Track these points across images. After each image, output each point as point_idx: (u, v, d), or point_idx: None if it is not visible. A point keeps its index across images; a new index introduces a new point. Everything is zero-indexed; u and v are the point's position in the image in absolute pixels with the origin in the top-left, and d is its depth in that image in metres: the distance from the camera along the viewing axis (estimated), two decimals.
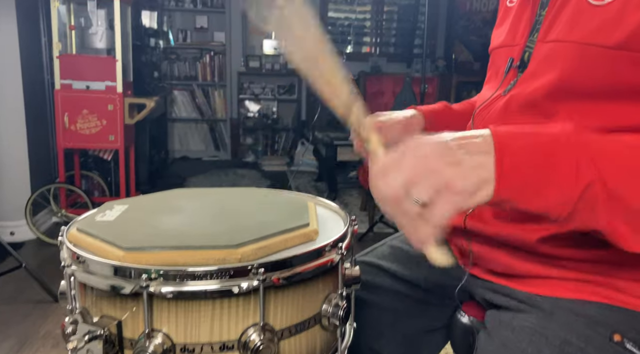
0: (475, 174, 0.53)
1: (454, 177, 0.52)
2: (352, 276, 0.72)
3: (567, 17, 0.71)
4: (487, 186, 0.53)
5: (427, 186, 0.52)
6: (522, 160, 0.54)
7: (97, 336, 0.59)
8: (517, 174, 0.54)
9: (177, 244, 0.63)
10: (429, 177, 0.53)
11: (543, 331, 0.70)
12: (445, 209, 0.52)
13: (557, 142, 0.55)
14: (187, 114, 5.78)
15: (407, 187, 0.53)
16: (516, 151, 0.54)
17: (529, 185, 0.54)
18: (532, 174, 0.54)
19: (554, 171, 0.54)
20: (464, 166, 0.53)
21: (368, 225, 3.39)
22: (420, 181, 0.53)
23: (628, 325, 0.69)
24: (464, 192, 0.52)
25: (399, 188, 0.53)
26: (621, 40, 0.64)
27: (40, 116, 3.33)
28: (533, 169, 0.54)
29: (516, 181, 0.54)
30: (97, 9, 3.08)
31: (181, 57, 5.71)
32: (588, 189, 0.53)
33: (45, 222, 3.31)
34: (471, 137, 0.55)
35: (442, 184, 0.52)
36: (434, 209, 0.52)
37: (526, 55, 0.79)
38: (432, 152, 0.54)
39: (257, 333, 0.60)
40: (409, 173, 0.53)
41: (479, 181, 0.53)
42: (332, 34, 5.83)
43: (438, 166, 0.53)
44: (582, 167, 0.53)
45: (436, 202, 0.52)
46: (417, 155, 0.54)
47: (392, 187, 0.54)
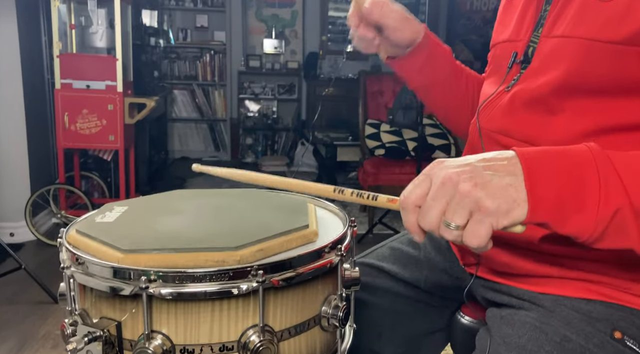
0: (506, 194, 0.53)
1: (483, 197, 0.53)
2: (352, 277, 0.72)
3: (573, 13, 0.71)
4: (520, 207, 0.54)
5: (460, 211, 0.53)
6: (551, 181, 0.55)
7: (96, 337, 0.59)
8: (549, 195, 0.54)
9: (176, 246, 0.63)
10: (460, 201, 0.53)
11: (543, 327, 0.70)
12: (481, 229, 0.53)
13: (584, 163, 0.55)
14: (187, 114, 5.78)
15: (444, 218, 0.54)
16: (545, 172, 0.55)
17: (561, 206, 0.55)
18: (563, 195, 0.54)
19: (585, 193, 0.54)
20: (493, 186, 0.53)
21: (368, 226, 3.39)
22: (453, 207, 0.54)
23: (629, 322, 0.69)
24: (495, 213, 0.53)
25: (437, 220, 0.55)
26: (628, 36, 0.64)
27: (40, 116, 3.33)
28: (564, 189, 0.55)
29: (548, 201, 0.54)
30: (97, 8, 3.08)
31: (181, 57, 5.71)
32: (618, 213, 0.54)
33: (45, 223, 3.31)
34: (497, 159, 0.56)
35: (474, 207, 0.53)
36: (471, 231, 0.53)
37: (530, 50, 0.78)
38: (459, 175, 0.54)
39: (256, 334, 0.60)
40: (441, 201, 0.54)
41: (510, 201, 0.53)
42: (332, 33, 5.83)
43: (468, 189, 0.53)
44: (611, 191, 0.54)
45: (471, 224, 0.53)
46: (444, 180, 0.54)
47: (429, 222, 0.55)
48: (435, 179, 0.55)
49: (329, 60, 5.80)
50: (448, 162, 0.56)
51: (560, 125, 0.72)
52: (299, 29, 5.75)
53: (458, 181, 0.54)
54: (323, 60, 5.78)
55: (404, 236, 1.01)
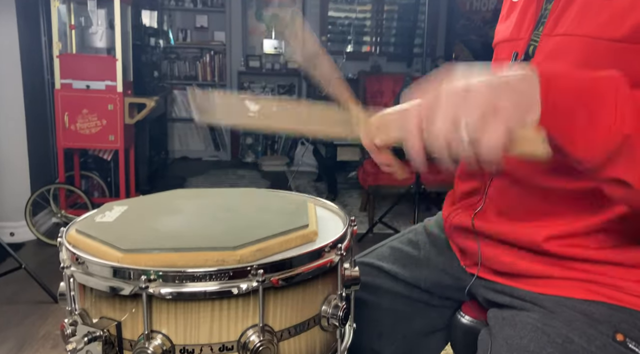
0: (520, 95, 0.52)
1: (498, 97, 0.51)
2: (352, 277, 0.72)
3: (576, 11, 0.71)
4: (533, 110, 0.52)
5: (474, 114, 0.50)
6: (567, 92, 0.53)
7: (96, 337, 0.59)
8: (562, 104, 0.53)
9: (176, 246, 0.63)
10: (474, 103, 0.50)
11: (545, 329, 0.70)
12: (498, 133, 0.50)
13: (604, 85, 0.54)
14: (187, 113, 5.78)
15: (455, 125, 0.51)
16: (561, 83, 0.54)
17: (573, 119, 0.53)
18: (577, 109, 0.53)
19: (599, 112, 0.53)
20: (508, 88, 0.52)
21: (368, 226, 3.38)
22: (466, 113, 0.51)
23: (631, 324, 0.69)
24: (511, 111, 0.51)
25: (447, 130, 0.51)
26: (630, 33, 0.64)
27: (40, 116, 3.33)
28: (578, 103, 0.53)
29: (561, 110, 0.53)
30: (97, 9, 3.08)
31: (181, 57, 5.71)
32: (628, 139, 0.53)
33: (45, 223, 3.30)
34: (512, 73, 0.54)
35: (489, 107, 0.50)
36: (486, 138, 0.50)
37: (531, 49, 0.79)
38: (470, 84, 0.52)
39: (256, 334, 0.60)
40: (452, 109, 0.51)
41: (525, 103, 0.52)
42: (332, 33, 5.83)
43: (481, 91, 0.51)
44: (626, 117, 0.53)
45: (487, 129, 0.50)
46: (455, 90, 0.52)
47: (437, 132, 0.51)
48: (444, 91, 0.52)
49: None
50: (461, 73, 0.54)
51: None
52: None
53: (469, 88, 0.51)
54: None
55: (404, 236, 1.01)
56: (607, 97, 0.53)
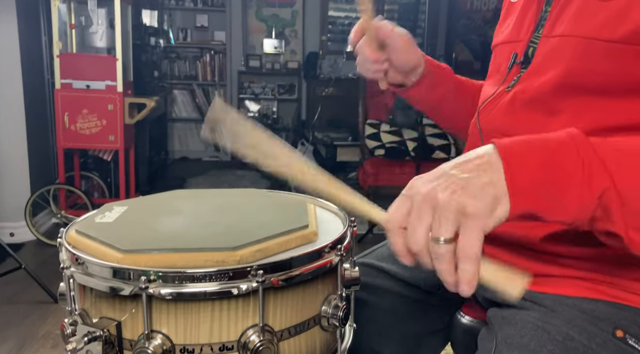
0: (486, 192, 0.52)
1: (464, 202, 0.51)
2: (352, 277, 0.72)
3: (573, 12, 0.71)
4: (502, 203, 0.52)
5: (446, 223, 0.51)
6: (532, 171, 0.53)
7: (96, 337, 0.59)
8: (530, 186, 0.53)
9: (175, 246, 0.63)
10: (443, 213, 0.51)
11: (545, 327, 0.70)
12: (473, 236, 0.51)
13: (565, 150, 0.54)
14: (187, 114, 5.78)
15: (430, 235, 0.52)
16: (525, 163, 0.53)
17: (543, 196, 0.53)
18: (545, 185, 0.53)
19: (567, 180, 0.53)
20: (471, 187, 0.52)
21: (368, 226, 3.39)
22: (437, 222, 0.51)
23: (630, 321, 0.69)
24: (481, 213, 0.51)
25: (424, 240, 0.52)
26: (627, 34, 0.64)
27: (40, 116, 3.33)
28: (545, 178, 0.53)
29: (529, 192, 0.53)
30: (97, 8, 3.08)
31: (181, 57, 5.71)
32: (603, 196, 0.53)
33: (45, 223, 3.31)
34: (472, 159, 0.55)
35: (458, 214, 0.51)
36: (463, 241, 0.51)
37: (530, 50, 0.79)
38: (436, 188, 0.52)
39: (256, 334, 0.60)
40: (424, 219, 0.52)
41: (492, 199, 0.52)
42: (332, 33, 5.83)
43: (447, 198, 0.51)
44: (594, 175, 0.53)
45: (462, 233, 0.51)
46: (423, 196, 0.53)
47: (417, 242, 0.53)
48: (415, 197, 0.53)
49: (329, 60, 5.80)
50: (424, 177, 0.55)
51: (560, 125, 0.71)
52: (299, 29, 5.76)
53: (436, 193, 0.52)
54: (323, 60, 5.78)
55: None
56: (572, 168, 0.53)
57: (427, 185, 0.53)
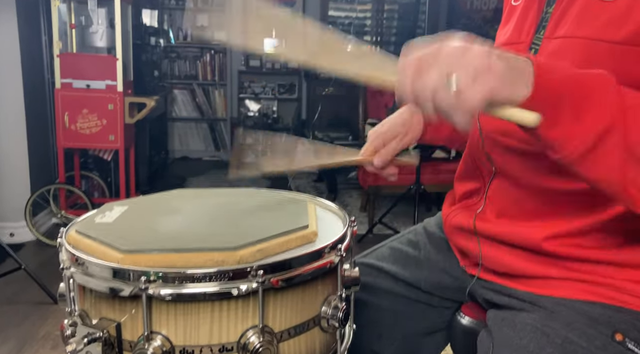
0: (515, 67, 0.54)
1: (495, 61, 0.53)
2: (352, 277, 0.72)
3: (575, 14, 0.71)
4: (524, 84, 0.54)
5: (469, 67, 0.52)
6: (559, 78, 0.56)
7: (96, 338, 0.59)
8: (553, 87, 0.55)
9: (175, 246, 0.63)
10: (471, 61, 0.52)
11: (545, 329, 0.70)
12: (483, 89, 0.52)
13: (595, 78, 0.57)
14: (187, 113, 5.78)
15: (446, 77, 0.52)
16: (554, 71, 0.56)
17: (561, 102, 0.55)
18: (566, 93, 0.55)
19: (587, 100, 0.55)
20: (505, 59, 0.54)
21: (368, 226, 3.38)
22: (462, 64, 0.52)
23: (629, 324, 0.69)
24: (503, 76, 0.53)
25: (435, 80, 0.52)
26: (630, 35, 0.64)
27: (41, 116, 3.33)
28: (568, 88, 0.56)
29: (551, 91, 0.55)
30: (97, 8, 3.08)
31: (181, 56, 5.70)
32: (610, 132, 0.55)
33: (45, 223, 3.30)
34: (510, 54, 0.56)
35: (484, 68, 0.52)
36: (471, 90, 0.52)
37: (532, 52, 0.78)
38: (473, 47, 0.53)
39: (256, 335, 0.60)
40: (450, 61, 0.53)
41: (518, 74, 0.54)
42: None
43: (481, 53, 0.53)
44: (613, 110, 0.55)
45: (473, 85, 0.52)
46: (458, 47, 0.53)
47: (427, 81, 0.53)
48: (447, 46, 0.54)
49: None
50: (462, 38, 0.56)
51: None
52: None
53: (472, 48, 0.53)
54: None
55: (403, 236, 1.01)
56: (595, 93, 0.56)
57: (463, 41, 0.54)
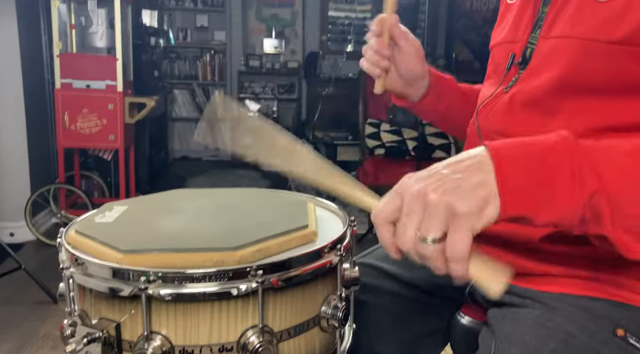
0: (476, 193, 0.52)
1: (455, 202, 0.51)
2: (351, 277, 0.72)
3: (570, 13, 0.71)
4: (493, 203, 0.52)
5: (434, 223, 0.51)
6: (523, 173, 0.53)
7: (95, 338, 0.59)
8: (520, 187, 0.53)
9: (175, 246, 0.63)
10: (432, 213, 0.51)
11: (547, 324, 0.70)
12: (461, 237, 0.51)
13: (556, 152, 0.55)
14: (187, 113, 5.78)
15: (419, 233, 0.52)
16: (516, 165, 0.54)
17: (534, 197, 0.53)
18: (535, 186, 0.53)
19: (557, 182, 0.53)
20: (462, 188, 0.52)
21: (368, 226, 3.38)
22: (426, 221, 0.52)
23: (631, 320, 0.69)
24: (470, 214, 0.51)
25: (412, 238, 0.53)
26: (625, 36, 0.64)
27: (41, 116, 3.33)
28: (535, 180, 0.53)
29: (520, 194, 0.53)
30: (97, 8, 3.09)
31: (181, 56, 5.71)
32: (592, 199, 0.53)
33: (45, 223, 3.30)
34: (464, 159, 0.55)
35: (447, 215, 0.51)
36: (451, 241, 0.51)
37: (528, 51, 0.79)
38: (427, 187, 0.53)
39: (256, 335, 0.60)
40: (414, 217, 0.52)
41: (481, 200, 0.52)
42: (333, 33, 5.83)
43: (437, 198, 0.51)
44: (585, 177, 0.53)
45: (450, 234, 0.51)
46: (414, 195, 0.53)
47: (406, 241, 0.53)
48: (405, 195, 0.54)
49: (329, 60, 5.79)
50: (417, 175, 0.55)
51: (559, 125, 0.71)
52: (299, 28, 5.75)
53: (427, 192, 0.52)
54: (323, 60, 5.78)
55: None
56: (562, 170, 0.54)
57: (418, 183, 0.53)
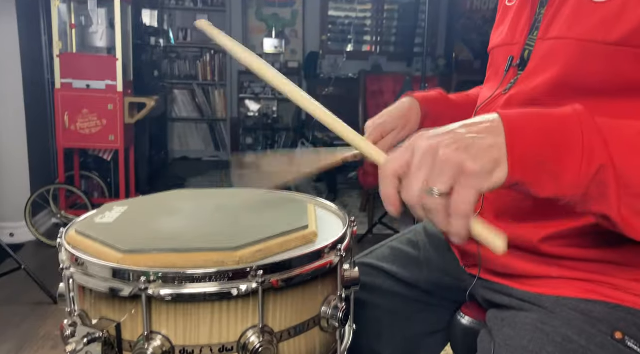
0: (487, 154, 0.52)
1: (466, 160, 0.51)
2: (352, 277, 0.72)
3: (567, 15, 0.71)
4: (501, 167, 0.52)
5: (443, 176, 0.51)
6: (533, 139, 0.53)
7: (96, 338, 0.59)
8: (529, 153, 0.53)
9: (175, 247, 0.62)
10: (442, 167, 0.51)
11: (544, 328, 0.70)
12: (467, 194, 0.51)
13: (568, 123, 0.54)
14: (187, 113, 5.78)
15: (426, 185, 0.52)
16: (527, 131, 0.54)
17: (542, 165, 0.53)
18: (544, 153, 0.53)
19: (567, 151, 0.53)
20: (475, 147, 0.52)
21: (368, 226, 3.38)
22: (435, 174, 0.52)
23: (629, 323, 0.69)
24: (479, 174, 0.51)
25: (418, 190, 0.52)
26: (622, 37, 0.64)
27: (40, 116, 3.33)
28: (545, 148, 0.53)
29: (528, 160, 0.53)
30: (97, 8, 3.08)
31: (181, 56, 5.71)
32: (600, 172, 0.53)
33: (45, 223, 3.30)
34: (479, 122, 0.55)
35: (457, 171, 0.51)
36: (456, 197, 0.51)
37: (526, 53, 0.79)
38: (440, 143, 0.52)
39: (256, 335, 0.60)
40: (423, 171, 0.52)
41: (492, 161, 0.52)
42: (333, 32, 5.83)
43: (449, 154, 0.51)
44: (595, 150, 0.53)
45: (457, 190, 0.51)
46: (426, 149, 0.53)
47: (411, 192, 0.53)
48: (417, 149, 0.54)
49: (329, 60, 5.79)
50: (431, 132, 0.55)
51: None
52: (299, 28, 5.75)
53: (439, 147, 0.52)
54: (323, 60, 5.78)
55: (403, 236, 1.01)
56: (572, 139, 0.53)
57: (431, 139, 0.53)
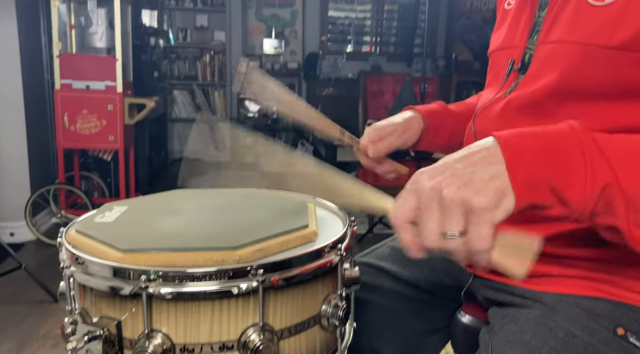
0: (491, 186, 0.52)
1: (471, 197, 0.51)
2: (352, 276, 0.72)
3: (568, 18, 0.71)
4: (508, 196, 0.52)
5: (453, 218, 0.51)
6: (534, 163, 0.53)
7: (96, 336, 0.59)
8: (532, 178, 0.53)
9: (175, 246, 0.63)
10: (450, 209, 0.51)
11: (547, 323, 0.70)
12: (481, 231, 0.51)
13: (568, 143, 0.54)
14: (187, 114, 5.78)
15: (440, 230, 0.52)
16: (526, 155, 0.53)
17: (546, 187, 0.53)
18: (547, 176, 0.53)
19: (570, 172, 0.53)
20: (476, 182, 0.52)
21: (368, 226, 3.38)
22: (445, 217, 0.52)
23: (631, 319, 0.69)
24: (488, 208, 0.51)
25: (437, 235, 0.52)
26: (623, 41, 0.64)
27: (40, 116, 3.33)
28: (547, 170, 0.53)
29: (532, 184, 0.53)
30: (97, 8, 3.08)
31: (181, 57, 5.70)
32: (605, 190, 0.53)
33: (45, 223, 3.30)
34: (475, 152, 0.55)
35: (465, 210, 0.51)
36: (472, 236, 0.51)
37: (527, 57, 0.79)
38: (441, 183, 0.52)
39: (256, 333, 0.60)
40: (435, 214, 0.52)
41: (498, 193, 0.52)
42: (332, 33, 5.83)
43: (452, 194, 0.51)
44: (597, 169, 0.53)
45: (470, 229, 0.51)
46: (429, 192, 0.52)
47: (430, 238, 0.53)
48: (420, 193, 0.53)
49: (328, 60, 5.79)
50: (429, 171, 0.55)
51: None
52: (299, 29, 5.75)
53: (441, 189, 0.52)
54: (323, 61, 5.78)
55: None
56: (574, 160, 0.53)
57: (431, 180, 0.53)
